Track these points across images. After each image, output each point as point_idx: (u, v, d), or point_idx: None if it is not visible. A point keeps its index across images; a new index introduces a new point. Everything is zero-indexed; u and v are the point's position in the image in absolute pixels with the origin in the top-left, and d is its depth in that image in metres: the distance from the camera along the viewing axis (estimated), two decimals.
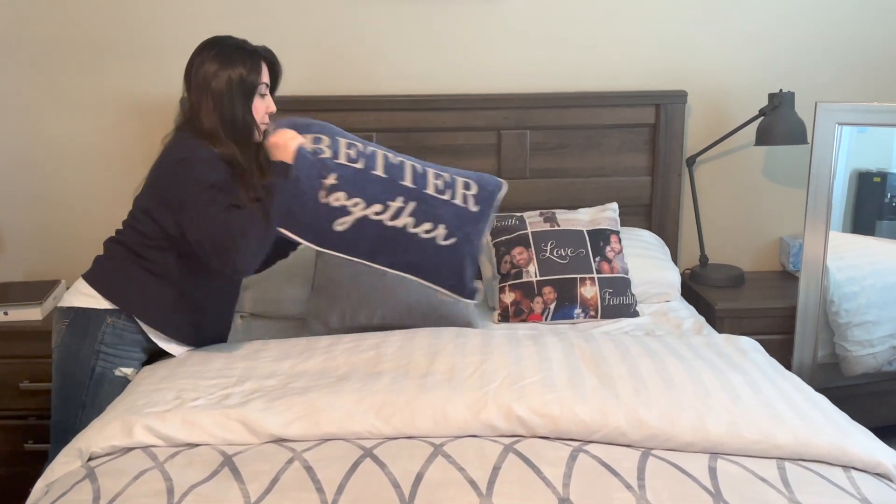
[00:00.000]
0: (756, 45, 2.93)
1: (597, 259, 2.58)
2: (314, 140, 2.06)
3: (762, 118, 2.76)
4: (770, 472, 1.57)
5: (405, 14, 2.84)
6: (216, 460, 1.61)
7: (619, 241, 2.66)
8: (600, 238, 2.63)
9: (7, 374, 2.56)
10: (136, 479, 1.55)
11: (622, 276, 2.59)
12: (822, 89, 2.91)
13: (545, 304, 2.52)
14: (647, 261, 2.72)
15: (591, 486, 1.50)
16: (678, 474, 1.55)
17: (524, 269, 2.56)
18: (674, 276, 2.73)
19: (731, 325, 2.64)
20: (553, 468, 1.55)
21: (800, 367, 2.61)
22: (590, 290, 2.53)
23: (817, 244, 2.59)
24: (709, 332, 2.40)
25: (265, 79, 2.08)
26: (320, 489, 1.50)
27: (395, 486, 1.51)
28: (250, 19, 2.80)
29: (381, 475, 1.53)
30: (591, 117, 2.88)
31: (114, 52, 2.82)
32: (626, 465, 1.57)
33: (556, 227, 2.63)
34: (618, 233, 2.68)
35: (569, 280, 2.53)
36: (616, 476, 1.53)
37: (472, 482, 1.51)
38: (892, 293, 2.65)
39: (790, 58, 2.93)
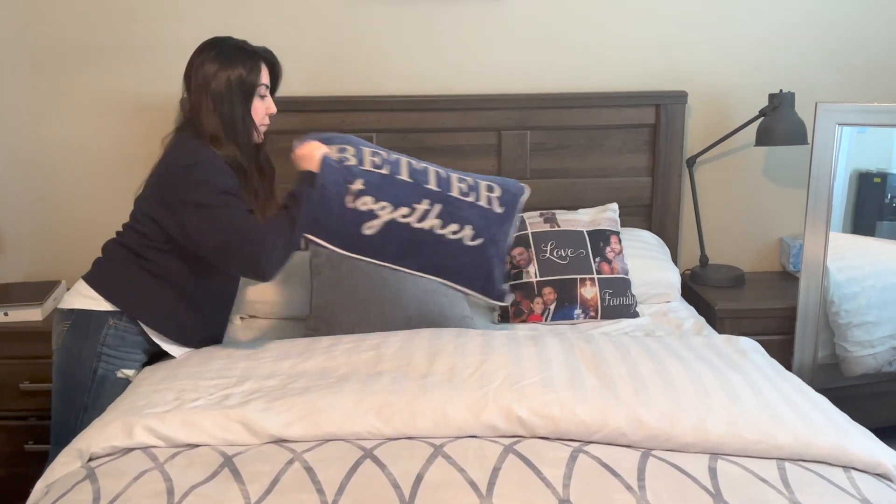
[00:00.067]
0: (756, 46, 2.93)
1: (597, 259, 2.58)
2: (339, 150, 2.09)
3: (762, 119, 2.76)
4: (770, 473, 1.57)
5: (405, 15, 2.84)
6: (216, 461, 1.61)
7: (620, 241, 2.66)
8: (600, 238, 2.63)
9: (7, 375, 2.56)
10: (136, 480, 1.56)
11: (622, 276, 2.59)
12: (823, 90, 2.91)
13: (545, 304, 2.52)
14: (647, 261, 2.72)
15: (591, 486, 1.50)
16: (678, 475, 1.55)
17: (524, 270, 2.56)
18: (674, 277, 2.73)
19: (732, 326, 2.64)
20: (553, 469, 1.55)
21: (800, 367, 2.61)
22: (590, 291, 2.53)
23: (817, 245, 2.59)
24: (709, 333, 2.40)
25: (265, 80, 2.08)
26: (320, 490, 1.50)
27: (396, 486, 1.51)
28: (250, 20, 2.80)
29: (381, 476, 1.53)
30: (592, 118, 2.88)
31: (114, 53, 2.82)
32: (627, 465, 1.57)
33: (557, 228, 2.63)
34: (618, 233, 2.68)
35: (569, 281, 2.53)
36: (616, 477, 1.53)
37: (472, 483, 1.51)
38: (893, 294, 2.65)
39: (790, 58, 2.93)
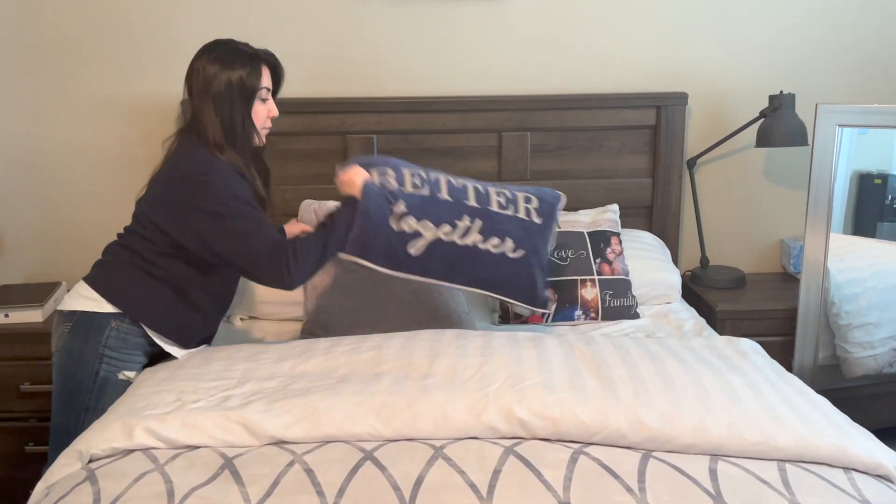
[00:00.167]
0: (756, 47, 2.93)
1: (597, 261, 2.58)
2: (380, 174, 2.15)
3: (763, 120, 2.76)
4: (771, 474, 1.57)
5: (406, 16, 2.84)
6: (216, 463, 1.61)
7: (620, 242, 2.65)
8: (601, 239, 2.63)
9: (7, 376, 2.56)
10: (136, 482, 1.55)
11: (623, 277, 2.59)
12: (823, 91, 2.91)
13: None
14: (647, 262, 2.72)
15: (591, 488, 1.50)
16: (679, 476, 1.55)
17: None
18: (674, 278, 2.73)
19: (732, 327, 2.64)
20: (554, 471, 1.54)
21: (800, 368, 2.61)
22: (590, 292, 2.53)
23: (818, 246, 2.58)
24: (709, 334, 2.40)
25: (266, 83, 2.07)
26: (321, 492, 1.50)
27: (396, 489, 1.50)
28: (251, 21, 2.80)
29: (381, 478, 1.53)
30: (592, 119, 2.88)
31: (114, 54, 2.82)
32: (627, 467, 1.57)
33: (557, 229, 2.62)
34: (618, 234, 2.68)
35: (569, 282, 2.53)
36: (616, 478, 1.53)
37: (472, 485, 1.51)
38: (893, 295, 2.65)
39: (791, 59, 2.93)
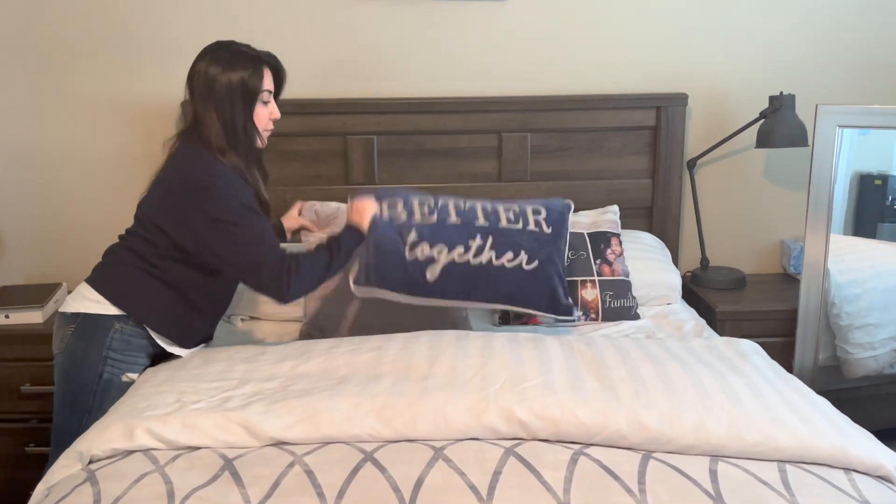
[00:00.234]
0: (756, 48, 2.93)
1: (597, 261, 2.58)
2: (390, 206, 2.23)
3: (763, 121, 2.76)
4: (771, 475, 1.57)
5: (406, 17, 2.84)
6: (217, 464, 1.61)
7: (620, 243, 2.65)
8: (601, 240, 2.62)
9: (8, 378, 2.56)
10: (136, 483, 1.55)
11: (623, 278, 2.59)
12: (823, 92, 2.91)
13: None
14: (647, 263, 2.72)
15: (591, 490, 1.50)
16: (679, 477, 1.55)
17: None
18: (675, 279, 2.73)
19: (732, 328, 2.64)
20: (554, 472, 1.55)
21: (801, 369, 2.61)
22: (590, 293, 2.53)
23: (818, 247, 2.58)
24: (710, 335, 2.40)
25: (268, 85, 2.07)
26: (321, 494, 1.50)
27: (396, 490, 1.50)
28: (252, 22, 2.80)
29: (381, 480, 1.53)
30: (592, 120, 2.88)
31: (115, 55, 2.82)
32: (627, 468, 1.57)
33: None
34: (618, 235, 2.68)
35: (569, 282, 2.52)
36: (617, 480, 1.53)
37: (472, 487, 1.51)
38: (894, 296, 2.65)
39: (791, 60, 2.93)
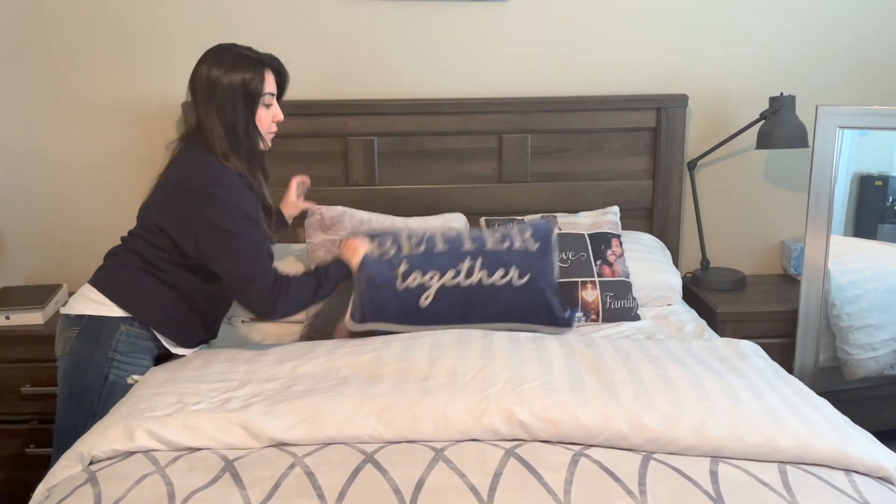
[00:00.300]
0: (757, 49, 2.93)
1: (598, 262, 2.58)
2: (379, 244, 2.31)
3: (763, 122, 2.76)
4: (771, 476, 1.57)
5: (406, 18, 2.84)
6: (217, 465, 1.61)
7: (621, 244, 2.65)
8: (601, 241, 2.62)
9: (8, 379, 2.56)
10: (137, 484, 1.55)
11: (623, 279, 2.59)
12: (823, 92, 2.91)
13: None
14: (648, 264, 2.72)
15: (592, 491, 1.50)
16: (679, 478, 1.55)
17: None
18: (675, 280, 2.73)
19: (733, 329, 2.64)
20: (554, 473, 1.54)
21: (801, 370, 2.61)
22: (591, 294, 2.53)
23: (819, 248, 2.58)
24: (710, 336, 2.40)
25: (270, 88, 2.07)
26: (321, 496, 1.50)
27: (397, 492, 1.50)
28: (252, 23, 2.81)
29: (382, 481, 1.53)
30: (593, 121, 2.88)
31: (116, 56, 2.82)
32: (628, 469, 1.57)
33: (558, 231, 2.62)
34: (619, 236, 2.68)
35: (570, 284, 2.53)
36: (617, 481, 1.53)
37: (473, 488, 1.51)
38: (894, 297, 2.65)
39: (791, 61, 2.93)
